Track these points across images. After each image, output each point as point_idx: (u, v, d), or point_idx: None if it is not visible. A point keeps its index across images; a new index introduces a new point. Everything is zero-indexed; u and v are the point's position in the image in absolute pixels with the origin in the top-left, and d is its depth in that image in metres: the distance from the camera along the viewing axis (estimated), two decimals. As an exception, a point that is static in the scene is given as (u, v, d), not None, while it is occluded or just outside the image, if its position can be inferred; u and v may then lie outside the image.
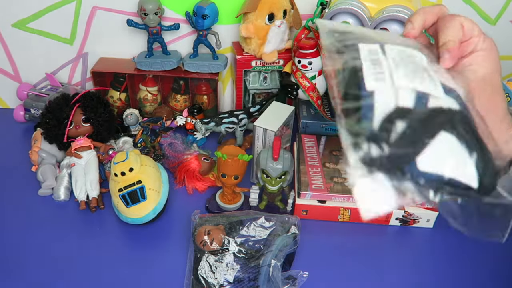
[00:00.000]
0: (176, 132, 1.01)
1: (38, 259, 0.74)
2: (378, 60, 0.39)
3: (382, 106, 0.36)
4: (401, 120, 0.35)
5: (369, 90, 0.37)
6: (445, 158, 0.36)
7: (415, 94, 0.37)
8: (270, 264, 0.66)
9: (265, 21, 0.91)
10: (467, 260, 0.76)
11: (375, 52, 0.40)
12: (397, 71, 0.38)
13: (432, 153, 0.35)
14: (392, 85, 0.37)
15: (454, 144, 0.36)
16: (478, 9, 0.98)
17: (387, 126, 0.35)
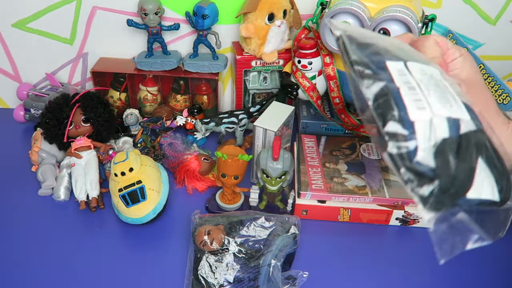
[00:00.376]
0: (176, 132, 1.01)
1: (38, 259, 0.74)
2: (410, 83, 0.38)
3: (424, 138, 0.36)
4: (449, 153, 0.35)
5: (411, 120, 0.36)
6: (482, 182, 0.37)
7: (447, 121, 0.37)
8: (270, 264, 0.66)
9: (265, 21, 0.91)
10: (467, 260, 0.76)
11: (403, 73, 0.39)
12: (430, 97, 0.37)
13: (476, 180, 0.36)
14: (431, 114, 0.36)
15: (483, 166, 0.37)
16: (478, 9, 0.98)
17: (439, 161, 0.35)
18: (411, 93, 0.37)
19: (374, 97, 0.38)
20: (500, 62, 1.05)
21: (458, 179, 0.35)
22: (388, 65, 0.39)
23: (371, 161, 0.88)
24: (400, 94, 0.37)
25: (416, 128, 0.36)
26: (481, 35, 1.02)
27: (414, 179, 0.35)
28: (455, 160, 0.35)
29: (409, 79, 0.39)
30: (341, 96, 0.93)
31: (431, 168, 0.35)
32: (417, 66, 0.40)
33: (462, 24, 1.00)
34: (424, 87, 0.38)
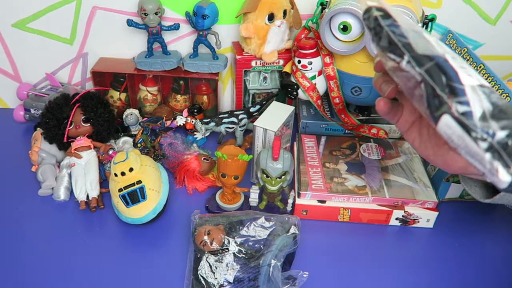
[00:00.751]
0: (176, 132, 1.01)
1: (38, 259, 0.74)
2: (451, 53, 0.39)
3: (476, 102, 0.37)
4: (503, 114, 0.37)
5: (464, 83, 0.37)
6: None
7: (482, 88, 0.38)
8: (270, 264, 0.66)
9: (265, 21, 0.91)
10: (467, 260, 0.76)
11: (441, 45, 0.40)
12: (466, 67, 0.38)
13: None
14: (478, 81, 0.38)
15: None
16: (478, 9, 0.98)
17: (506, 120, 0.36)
18: (455, 61, 0.38)
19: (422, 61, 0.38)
20: (500, 62, 1.05)
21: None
22: (425, 36, 0.40)
23: (371, 161, 0.88)
24: (447, 60, 0.38)
25: (467, 92, 0.37)
26: (481, 35, 1.02)
27: (489, 135, 0.36)
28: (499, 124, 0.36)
29: (447, 49, 0.39)
30: (341, 96, 0.93)
31: (500, 125, 0.36)
32: (445, 46, 0.41)
33: (462, 24, 1.00)
34: (458, 61, 0.39)
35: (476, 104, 0.37)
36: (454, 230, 0.82)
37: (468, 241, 0.80)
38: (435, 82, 0.38)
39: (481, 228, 0.82)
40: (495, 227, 0.83)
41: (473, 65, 0.91)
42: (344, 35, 0.84)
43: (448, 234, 0.81)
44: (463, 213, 0.85)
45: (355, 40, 0.84)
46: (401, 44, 0.40)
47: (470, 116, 0.37)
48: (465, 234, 0.81)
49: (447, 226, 0.82)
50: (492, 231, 0.82)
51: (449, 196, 0.86)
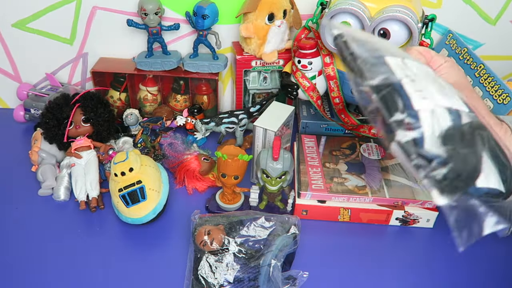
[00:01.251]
0: (176, 132, 1.01)
1: (38, 259, 0.74)
2: (410, 76, 0.39)
3: (430, 126, 0.37)
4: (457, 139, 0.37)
5: (416, 109, 0.37)
6: (489, 171, 0.38)
7: (449, 111, 0.38)
8: (270, 264, 0.66)
9: (265, 21, 0.91)
10: (467, 260, 0.76)
11: (402, 67, 0.40)
12: (429, 86, 0.39)
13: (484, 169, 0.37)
14: (434, 104, 0.38)
15: (487, 156, 0.38)
16: (478, 9, 0.98)
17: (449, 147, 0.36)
18: (413, 84, 0.38)
19: (377, 89, 0.39)
20: (500, 62, 1.05)
21: (468, 164, 0.36)
22: (387, 60, 0.40)
23: (371, 161, 0.88)
24: (403, 85, 0.38)
25: (421, 117, 0.37)
26: (481, 35, 1.02)
27: (427, 165, 0.36)
28: (463, 146, 0.36)
29: (408, 73, 0.40)
30: (341, 96, 0.93)
31: (441, 153, 0.36)
32: (414, 63, 0.42)
33: (462, 24, 1.00)
34: (422, 80, 0.39)
35: (426, 129, 0.37)
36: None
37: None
38: (387, 109, 0.38)
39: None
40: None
41: (473, 65, 0.91)
42: (344, 35, 0.84)
43: (448, 234, 0.80)
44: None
45: (355, 40, 0.84)
46: (359, 73, 0.41)
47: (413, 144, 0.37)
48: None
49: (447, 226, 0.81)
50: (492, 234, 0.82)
51: (449, 196, 0.86)
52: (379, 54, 0.42)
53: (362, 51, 0.42)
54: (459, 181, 0.36)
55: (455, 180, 0.36)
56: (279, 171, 0.76)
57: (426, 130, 0.37)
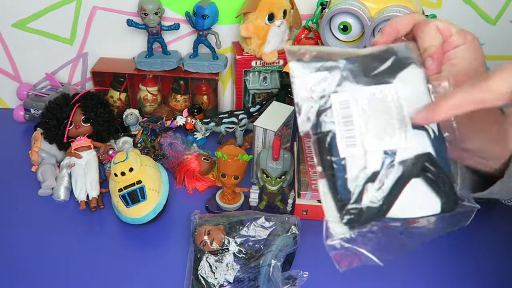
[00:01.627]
0: (176, 132, 1.01)
1: (38, 259, 0.74)
2: (349, 116, 0.40)
3: (355, 173, 0.39)
4: (372, 183, 0.39)
5: (341, 156, 0.39)
6: (412, 202, 0.41)
7: (383, 154, 0.39)
8: (270, 264, 0.66)
9: (265, 21, 0.91)
10: (467, 260, 0.76)
11: (346, 105, 0.40)
12: (367, 131, 0.40)
13: (400, 203, 0.40)
14: (363, 150, 0.39)
15: (420, 185, 0.40)
16: (478, 9, 0.98)
17: (361, 193, 0.39)
18: (346, 129, 0.39)
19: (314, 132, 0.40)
20: (500, 62, 1.05)
21: (370, 209, 0.39)
22: (332, 99, 0.40)
23: (371, 161, 0.88)
24: (335, 131, 0.40)
25: (347, 165, 0.39)
26: (481, 35, 1.02)
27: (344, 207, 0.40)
28: (375, 191, 0.39)
29: (349, 113, 0.40)
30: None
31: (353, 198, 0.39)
32: (369, 91, 0.40)
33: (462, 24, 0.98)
34: (364, 119, 0.40)
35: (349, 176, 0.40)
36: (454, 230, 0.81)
37: (467, 241, 0.80)
38: (319, 153, 0.40)
39: (480, 228, 0.82)
40: (494, 227, 0.83)
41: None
42: (344, 35, 0.84)
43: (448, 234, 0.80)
44: (463, 213, 0.85)
45: (355, 40, 0.84)
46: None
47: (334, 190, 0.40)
48: (465, 234, 0.81)
49: (447, 226, 0.82)
50: (491, 231, 0.82)
51: (449, 196, 0.86)
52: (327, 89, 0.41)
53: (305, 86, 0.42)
54: (358, 222, 0.40)
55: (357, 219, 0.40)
56: (279, 171, 0.76)
57: (349, 178, 0.39)
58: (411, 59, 0.42)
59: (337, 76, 0.40)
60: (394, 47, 0.43)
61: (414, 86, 0.41)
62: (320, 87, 0.40)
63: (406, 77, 0.41)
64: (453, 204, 0.42)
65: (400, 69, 0.41)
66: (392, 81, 0.41)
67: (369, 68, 0.41)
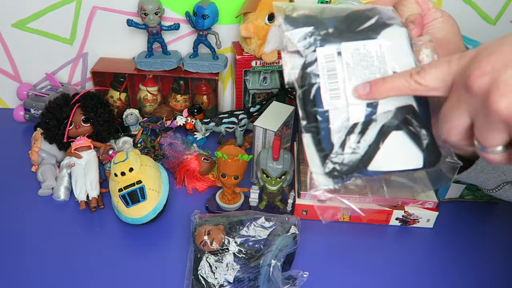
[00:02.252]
0: (176, 132, 1.01)
1: (38, 259, 0.74)
2: (333, 69, 0.41)
3: (338, 124, 0.41)
4: (354, 135, 0.41)
5: (325, 108, 0.41)
6: (394, 155, 0.42)
7: (365, 106, 0.41)
8: (270, 264, 0.66)
9: (265, 21, 0.91)
10: (467, 260, 0.76)
11: (331, 58, 0.41)
12: (350, 84, 0.41)
13: (381, 155, 0.41)
14: (346, 102, 0.41)
15: (402, 138, 0.41)
16: (478, 9, 0.98)
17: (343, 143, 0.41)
18: (329, 81, 0.41)
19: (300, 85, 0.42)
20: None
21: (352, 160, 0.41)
22: (317, 52, 0.41)
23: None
24: (320, 84, 0.41)
25: (330, 116, 0.41)
26: (481, 35, 1.02)
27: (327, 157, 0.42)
28: (356, 142, 0.41)
29: (333, 66, 0.41)
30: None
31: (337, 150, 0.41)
32: (352, 46, 0.42)
33: (462, 24, 0.98)
34: (348, 72, 0.41)
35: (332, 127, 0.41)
36: (454, 230, 0.82)
37: (468, 241, 0.80)
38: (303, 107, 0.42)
39: (481, 228, 0.82)
40: (495, 227, 0.83)
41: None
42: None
43: (448, 234, 0.81)
44: (463, 213, 0.85)
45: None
46: None
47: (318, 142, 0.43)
48: (465, 234, 0.81)
49: (447, 226, 0.82)
50: (492, 231, 0.82)
51: (449, 196, 0.86)
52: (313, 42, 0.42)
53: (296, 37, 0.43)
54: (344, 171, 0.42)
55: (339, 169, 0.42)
56: (279, 171, 0.76)
57: (332, 129, 0.41)
58: (395, 19, 0.44)
59: (323, 31, 0.42)
60: (378, 7, 0.45)
61: (397, 43, 0.43)
62: (306, 42, 0.42)
63: (389, 34, 0.43)
64: (435, 159, 0.43)
65: (384, 27, 0.43)
66: (376, 37, 0.42)
67: (354, 24, 0.43)
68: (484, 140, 0.36)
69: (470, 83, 0.35)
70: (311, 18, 0.42)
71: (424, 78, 0.38)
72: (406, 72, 0.39)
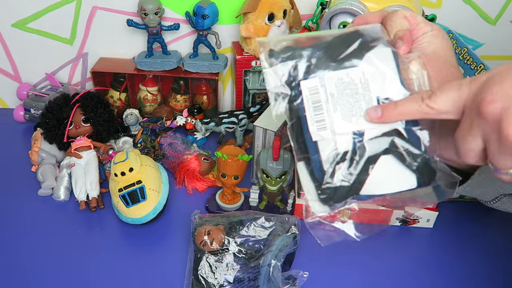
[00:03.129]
0: (176, 132, 1.01)
1: (38, 259, 0.74)
2: (318, 101, 0.42)
3: (327, 154, 0.42)
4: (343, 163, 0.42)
5: (314, 140, 0.42)
6: (385, 178, 0.42)
7: (352, 135, 0.42)
8: (270, 264, 0.66)
9: (265, 21, 0.92)
10: (467, 260, 0.76)
11: (315, 90, 0.42)
12: (335, 114, 0.42)
13: (372, 180, 0.42)
14: (332, 133, 0.42)
15: (391, 162, 0.42)
16: (478, 9, 0.98)
17: (333, 172, 0.42)
18: (315, 114, 0.42)
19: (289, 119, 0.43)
20: (500, 62, 1.05)
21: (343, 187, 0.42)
22: (302, 85, 0.42)
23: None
24: (306, 116, 0.42)
25: (319, 147, 0.42)
26: (481, 35, 1.02)
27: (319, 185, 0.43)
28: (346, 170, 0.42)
29: (318, 98, 0.42)
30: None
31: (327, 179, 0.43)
32: (335, 76, 0.42)
33: (462, 24, 1.00)
34: (333, 103, 0.42)
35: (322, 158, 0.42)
36: (454, 230, 0.82)
37: (468, 241, 0.80)
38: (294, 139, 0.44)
39: (481, 228, 0.82)
40: (494, 227, 0.83)
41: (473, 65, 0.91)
42: (344, 35, 0.83)
43: (448, 234, 0.81)
44: (463, 213, 0.85)
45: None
46: None
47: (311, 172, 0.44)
48: (465, 234, 0.81)
49: (447, 226, 0.82)
50: (491, 231, 0.82)
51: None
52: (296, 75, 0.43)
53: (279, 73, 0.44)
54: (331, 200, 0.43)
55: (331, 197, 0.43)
56: (279, 171, 0.76)
57: (322, 160, 0.42)
58: (378, 39, 0.44)
59: (305, 64, 0.42)
60: (360, 29, 0.44)
61: (382, 66, 0.43)
62: (291, 76, 0.43)
63: (373, 57, 0.42)
64: (429, 177, 0.43)
65: (367, 50, 0.43)
66: (359, 63, 0.42)
67: (336, 52, 0.43)
68: (497, 163, 0.37)
69: (482, 109, 0.36)
70: (294, 50, 0.43)
71: (436, 102, 0.39)
72: (418, 96, 0.40)
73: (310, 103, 0.42)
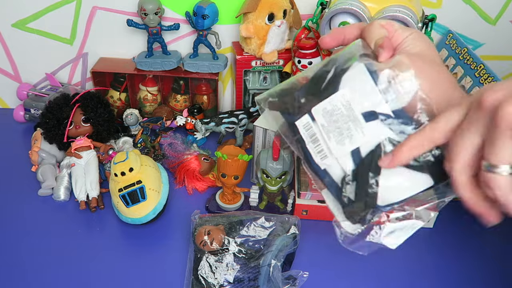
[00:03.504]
0: (176, 132, 1.01)
1: (38, 259, 0.74)
2: (314, 134, 0.46)
3: (338, 177, 0.46)
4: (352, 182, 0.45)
5: (322, 168, 0.46)
6: (397, 185, 0.44)
7: (350, 155, 0.45)
8: (270, 264, 0.66)
9: (265, 21, 0.91)
10: (467, 260, 0.76)
11: (308, 126, 0.46)
12: (330, 141, 0.45)
13: (385, 189, 0.44)
14: (334, 158, 0.46)
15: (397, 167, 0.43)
16: (478, 9, 0.98)
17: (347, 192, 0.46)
18: (314, 146, 0.46)
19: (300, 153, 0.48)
20: (500, 62, 1.05)
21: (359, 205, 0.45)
22: (297, 125, 0.47)
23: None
24: (309, 150, 0.47)
25: (330, 173, 0.46)
26: (481, 35, 1.02)
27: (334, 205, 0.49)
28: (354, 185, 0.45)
29: (313, 131, 0.46)
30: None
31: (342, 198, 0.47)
32: (320, 107, 0.45)
33: (462, 24, 1.00)
34: (325, 132, 0.45)
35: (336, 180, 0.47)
36: (454, 230, 0.82)
37: (468, 240, 0.80)
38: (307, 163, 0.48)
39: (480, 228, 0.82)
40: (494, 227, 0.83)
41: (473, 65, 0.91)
42: (344, 35, 0.83)
43: (448, 234, 0.81)
44: (463, 213, 0.85)
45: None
46: None
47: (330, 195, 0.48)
48: (465, 233, 0.81)
49: (447, 226, 0.82)
50: (492, 230, 0.82)
51: (449, 196, 0.86)
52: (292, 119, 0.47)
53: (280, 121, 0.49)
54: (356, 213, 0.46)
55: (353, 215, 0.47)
56: (279, 171, 0.76)
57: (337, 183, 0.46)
58: (351, 58, 0.45)
59: (297, 105, 0.46)
60: (333, 56, 0.47)
61: (358, 83, 0.44)
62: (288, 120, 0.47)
63: (349, 77, 0.45)
64: (443, 172, 0.43)
65: (342, 73, 0.45)
66: (338, 87, 0.45)
67: (318, 85, 0.46)
68: (492, 152, 0.36)
69: (482, 100, 0.37)
70: (286, 97, 0.47)
71: (438, 130, 0.41)
72: (422, 131, 0.42)
73: (308, 137, 0.46)
